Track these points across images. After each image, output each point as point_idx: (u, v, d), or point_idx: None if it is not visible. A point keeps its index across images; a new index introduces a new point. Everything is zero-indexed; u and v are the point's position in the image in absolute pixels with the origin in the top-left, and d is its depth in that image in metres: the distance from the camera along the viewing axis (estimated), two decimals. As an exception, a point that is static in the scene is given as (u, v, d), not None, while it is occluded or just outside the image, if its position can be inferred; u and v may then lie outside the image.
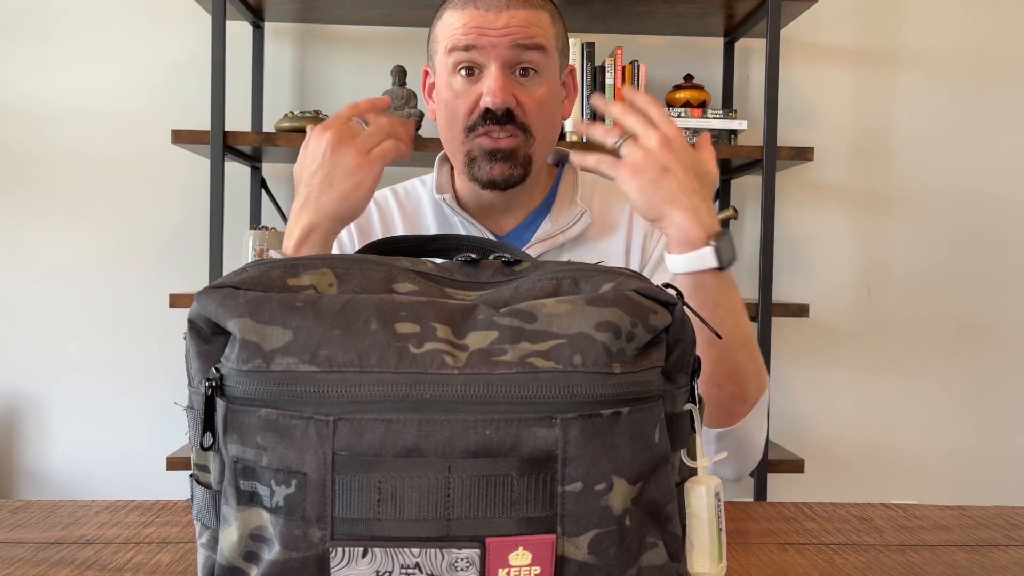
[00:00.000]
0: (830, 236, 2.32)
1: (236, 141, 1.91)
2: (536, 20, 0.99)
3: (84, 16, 2.20)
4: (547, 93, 1.01)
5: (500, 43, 0.97)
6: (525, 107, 1.00)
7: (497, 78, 0.98)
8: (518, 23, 0.97)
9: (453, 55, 0.99)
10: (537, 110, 1.01)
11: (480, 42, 0.97)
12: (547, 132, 1.03)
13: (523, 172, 1.02)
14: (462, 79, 1.00)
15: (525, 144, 1.01)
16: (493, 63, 0.98)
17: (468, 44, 0.98)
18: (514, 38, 0.97)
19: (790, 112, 2.29)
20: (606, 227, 1.11)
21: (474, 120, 1.00)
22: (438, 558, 0.46)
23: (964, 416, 2.36)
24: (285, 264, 0.52)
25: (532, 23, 0.99)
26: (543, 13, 1.01)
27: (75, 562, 0.72)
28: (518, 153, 1.01)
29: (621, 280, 0.52)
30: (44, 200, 2.21)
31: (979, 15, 2.33)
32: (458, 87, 1.00)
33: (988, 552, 0.78)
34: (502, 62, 0.98)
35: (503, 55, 0.98)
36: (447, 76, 1.01)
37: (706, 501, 0.53)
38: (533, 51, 0.99)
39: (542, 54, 1.00)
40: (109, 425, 2.23)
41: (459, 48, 0.98)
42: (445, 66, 1.01)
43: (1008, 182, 2.35)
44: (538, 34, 0.99)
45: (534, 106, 1.00)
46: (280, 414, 0.46)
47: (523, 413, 0.46)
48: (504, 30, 0.97)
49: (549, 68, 1.01)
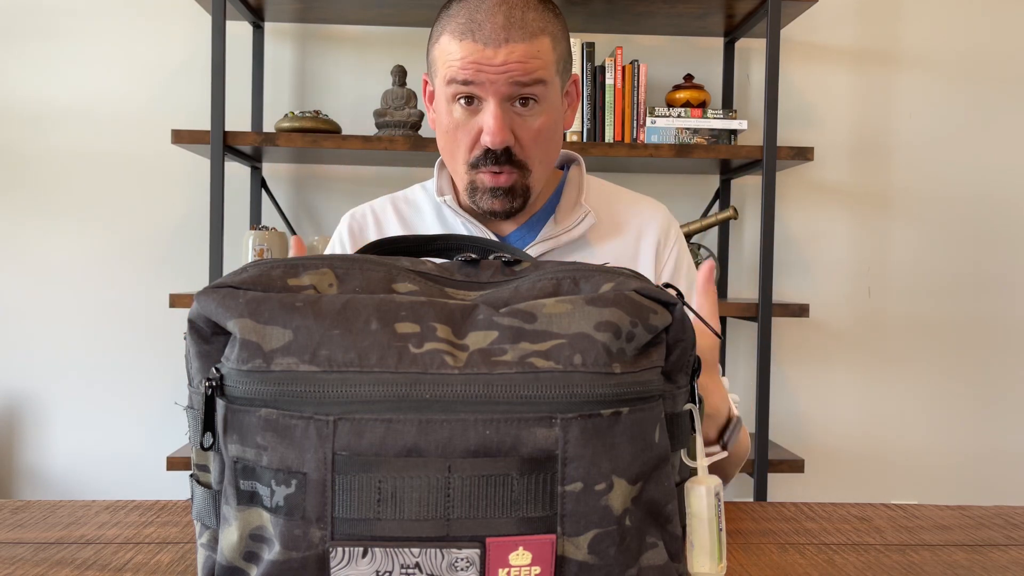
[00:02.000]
0: (830, 236, 2.32)
1: (236, 141, 1.91)
2: (536, 52, 0.97)
3: (84, 16, 2.21)
4: (546, 122, 1.01)
5: (499, 80, 0.96)
6: (522, 142, 1.00)
7: (496, 116, 0.97)
8: (517, 59, 0.96)
9: (452, 86, 0.98)
10: (534, 143, 1.00)
11: (478, 78, 0.96)
12: (545, 157, 1.03)
13: (523, 202, 1.03)
14: (462, 108, 1.00)
15: (522, 178, 1.02)
16: (491, 99, 0.97)
17: (466, 79, 0.97)
18: (512, 76, 0.96)
19: (790, 112, 2.29)
20: (612, 230, 1.10)
21: (476, 156, 1.00)
22: (438, 558, 0.46)
23: (964, 416, 2.36)
24: (285, 264, 0.52)
25: (532, 56, 0.97)
26: (543, 40, 0.98)
27: (75, 562, 0.72)
28: (516, 188, 1.02)
29: (621, 280, 0.52)
30: (44, 200, 2.21)
31: (979, 15, 2.33)
32: (458, 117, 1.00)
33: (988, 552, 0.78)
34: (500, 98, 0.97)
35: (501, 91, 0.97)
36: (446, 103, 1.01)
37: (706, 501, 0.53)
38: (532, 85, 0.97)
39: (542, 86, 0.98)
40: (109, 425, 2.23)
41: (457, 81, 0.97)
42: (444, 93, 1.00)
43: (1008, 182, 2.35)
44: (537, 67, 0.97)
45: (531, 140, 1.00)
46: (280, 414, 0.46)
47: (523, 413, 0.46)
48: (502, 67, 0.96)
49: (549, 95, 1.00)
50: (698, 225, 2.12)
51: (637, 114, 2.07)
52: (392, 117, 2.02)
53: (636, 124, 2.07)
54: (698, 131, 2.07)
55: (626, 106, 2.07)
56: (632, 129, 2.07)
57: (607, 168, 2.22)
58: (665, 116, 2.06)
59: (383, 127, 2.04)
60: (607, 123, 2.07)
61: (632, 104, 2.07)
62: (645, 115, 2.06)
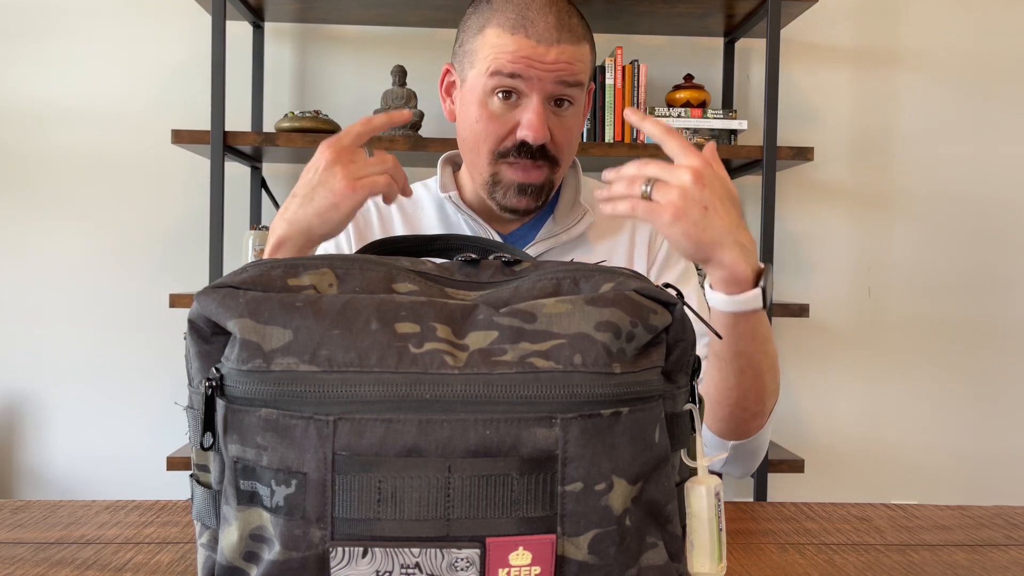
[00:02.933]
0: (830, 236, 2.32)
1: (236, 141, 1.91)
2: (581, 56, 0.99)
3: (84, 16, 2.20)
4: (576, 124, 1.03)
5: (546, 78, 0.97)
6: (557, 140, 1.01)
7: (539, 112, 0.98)
8: (567, 60, 0.97)
9: (495, 78, 0.98)
10: (567, 142, 1.02)
11: (528, 73, 0.97)
12: (571, 157, 1.06)
13: (545, 200, 1.05)
14: (499, 102, 0.99)
15: (551, 173, 1.03)
16: (536, 96, 0.98)
17: (514, 72, 0.97)
18: (560, 75, 0.98)
19: (790, 112, 2.29)
20: (609, 227, 1.12)
21: (507, 147, 1.00)
22: (438, 558, 0.46)
23: (964, 416, 2.36)
24: (285, 264, 0.52)
25: (578, 59, 0.99)
26: (586, 47, 1.01)
27: (75, 562, 0.72)
28: (544, 186, 1.03)
29: (621, 280, 0.52)
30: (44, 200, 2.21)
31: (979, 15, 2.33)
32: (495, 109, 1.00)
33: (988, 552, 0.78)
34: (545, 96, 0.98)
35: (547, 89, 0.98)
36: (482, 94, 1.00)
37: (706, 501, 0.53)
38: (574, 87, 0.99)
39: (579, 90, 1.01)
40: (109, 425, 2.23)
41: (503, 73, 0.97)
42: (482, 84, 1.00)
43: (1008, 182, 2.35)
44: (581, 71, 1.00)
45: (565, 138, 1.02)
46: (280, 414, 0.46)
47: (523, 413, 0.46)
48: (553, 65, 0.97)
49: (581, 99, 1.03)
50: (698, 225, 2.12)
51: (637, 114, 2.07)
52: (392, 117, 2.02)
53: (636, 124, 2.07)
54: (698, 131, 2.07)
55: (626, 106, 2.07)
56: (632, 129, 2.07)
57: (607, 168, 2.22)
58: (665, 116, 2.06)
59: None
60: (607, 123, 2.07)
61: (632, 104, 2.07)
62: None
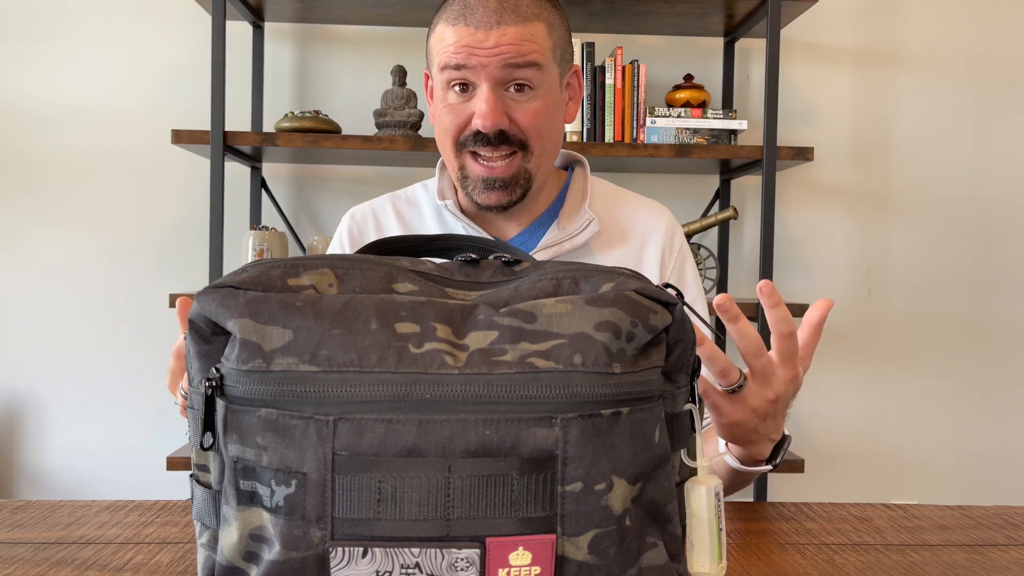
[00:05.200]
0: (830, 236, 2.32)
1: (236, 141, 1.91)
2: (529, 35, 0.96)
3: (84, 16, 2.20)
4: (542, 106, 0.99)
5: (490, 63, 0.95)
6: (520, 123, 0.98)
7: (488, 99, 0.96)
8: (509, 41, 0.95)
9: (446, 72, 0.98)
10: (532, 124, 0.99)
11: (470, 62, 0.96)
12: (547, 143, 1.02)
13: (523, 192, 1.02)
14: (456, 95, 0.99)
15: (524, 160, 1.00)
16: (484, 83, 0.96)
17: (458, 63, 0.96)
18: (504, 58, 0.95)
19: (790, 112, 2.29)
20: (616, 237, 1.09)
21: (465, 137, 0.99)
22: (438, 558, 0.46)
23: (964, 416, 2.36)
24: (285, 264, 0.52)
25: (524, 39, 0.95)
26: (538, 25, 0.97)
27: (75, 562, 0.72)
28: (518, 177, 1.00)
29: (621, 280, 0.52)
30: (44, 200, 2.21)
31: (979, 15, 2.33)
32: (452, 102, 1.00)
33: (988, 552, 0.78)
34: (493, 82, 0.96)
35: (494, 75, 0.96)
36: (441, 91, 1.01)
37: (706, 501, 0.53)
38: (526, 68, 0.96)
39: (536, 70, 0.97)
40: (109, 425, 2.23)
41: (451, 66, 0.97)
42: (439, 81, 1.00)
43: (1008, 182, 2.35)
44: (531, 50, 0.96)
45: (530, 122, 0.98)
46: (280, 414, 0.46)
47: (523, 413, 0.46)
48: (494, 49, 0.95)
49: (545, 81, 0.99)
50: (698, 225, 2.12)
51: (637, 114, 2.07)
52: (392, 117, 2.02)
53: (636, 124, 2.07)
54: (698, 131, 2.07)
55: (626, 106, 2.07)
56: (632, 129, 2.07)
57: (607, 168, 2.22)
58: (665, 116, 2.06)
59: (383, 127, 2.04)
60: (607, 123, 2.07)
61: (632, 104, 2.07)
62: (645, 115, 2.06)
